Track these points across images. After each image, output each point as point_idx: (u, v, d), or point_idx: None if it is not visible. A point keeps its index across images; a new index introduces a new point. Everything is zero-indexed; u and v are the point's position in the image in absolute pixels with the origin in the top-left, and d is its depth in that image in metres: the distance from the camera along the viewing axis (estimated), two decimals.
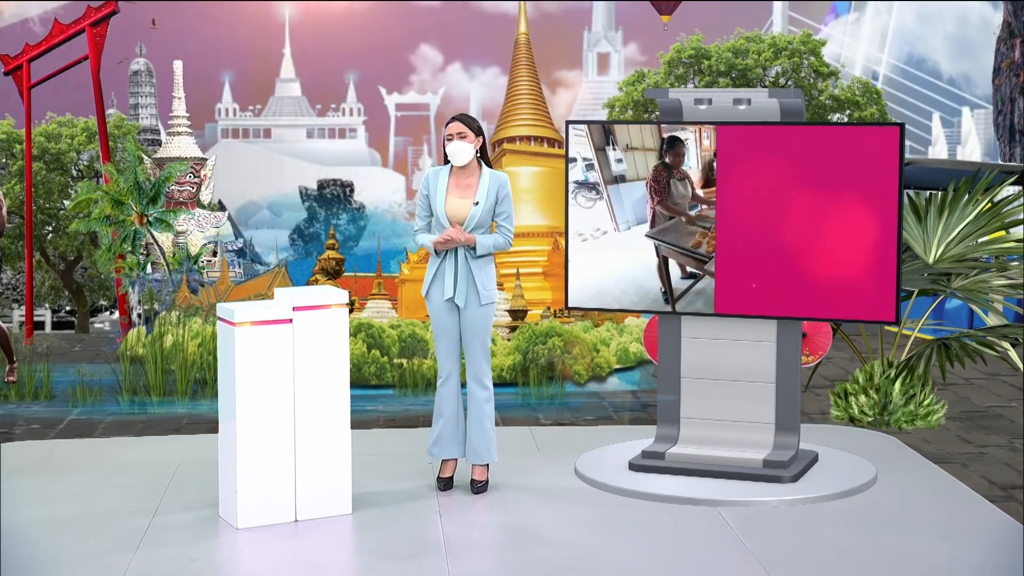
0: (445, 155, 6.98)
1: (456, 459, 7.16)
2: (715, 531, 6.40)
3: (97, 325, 20.11)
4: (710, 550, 6.14)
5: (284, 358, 6.45)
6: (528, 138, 16.04)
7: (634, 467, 7.34)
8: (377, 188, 20.01)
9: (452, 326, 6.99)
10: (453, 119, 6.93)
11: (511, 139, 16.17)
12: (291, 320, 6.45)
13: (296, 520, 6.53)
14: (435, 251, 6.91)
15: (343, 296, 6.61)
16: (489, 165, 7.03)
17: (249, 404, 6.38)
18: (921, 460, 7.86)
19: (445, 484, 7.10)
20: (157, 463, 7.73)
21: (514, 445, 8.07)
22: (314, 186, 18.58)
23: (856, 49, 23.11)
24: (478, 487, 7.04)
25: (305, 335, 6.49)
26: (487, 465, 7.12)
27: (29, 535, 6.37)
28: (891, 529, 6.43)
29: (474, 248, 6.86)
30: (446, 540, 6.26)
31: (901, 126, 7.14)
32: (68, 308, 21.80)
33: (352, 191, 18.33)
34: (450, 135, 6.89)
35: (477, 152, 6.93)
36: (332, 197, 18.08)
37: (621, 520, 6.58)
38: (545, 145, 16.12)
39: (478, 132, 6.93)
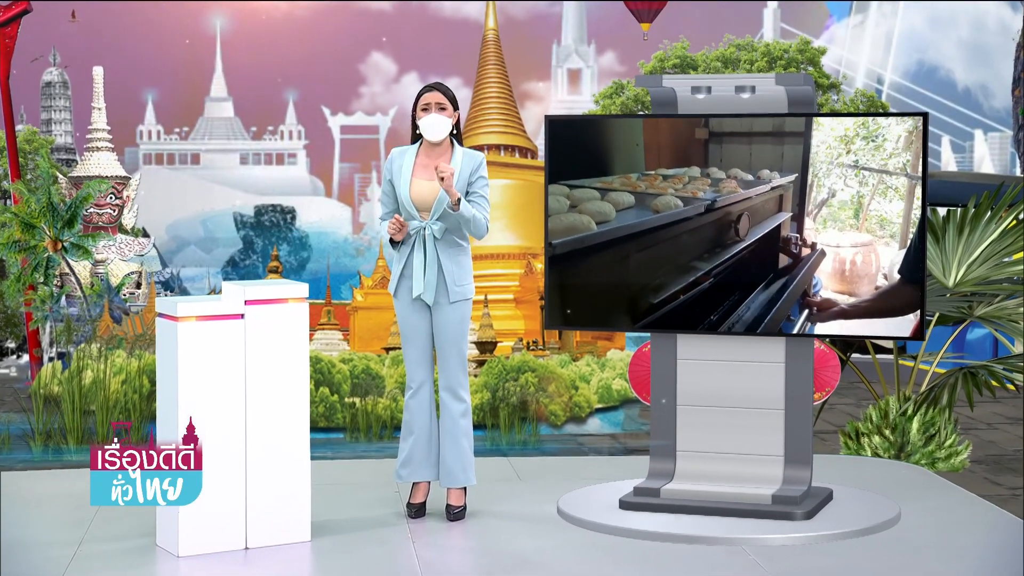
0: (414, 132, 6.89)
1: (428, 482, 7.03)
2: (719, 560, 6.34)
3: (2, 371, 19.85)
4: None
5: (235, 360, 6.34)
6: (498, 147, 16.03)
7: (625, 505, 7.24)
8: (320, 220, 19.94)
9: (423, 329, 6.87)
10: (430, 88, 6.81)
11: (478, 148, 16.17)
12: (243, 316, 6.35)
13: (247, 548, 6.40)
14: (391, 240, 6.77)
15: (303, 290, 6.51)
16: (461, 143, 6.94)
17: (193, 413, 6.21)
18: (951, 487, 7.85)
19: (416, 511, 6.96)
20: (78, 494, 7.52)
21: (494, 473, 7.97)
22: (250, 212, 18.53)
23: (859, 56, 23.27)
24: (454, 513, 6.91)
25: (259, 333, 6.37)
26: (464, 489, 6.99)
27: None
28: (926, 556, 6.40)
29: (454, 207, 6.56)
30: (421, 565, 6.16)
31: (925, 115, 7.14)
32: None
33: (294, 218, 18.32)
34: (427, 105, 6.77)
35: (453, 129, 6.84)
36: (271, 224, 18.07)
37: (615, 549, 6.51)
38: (516, 155, 16.11)
39: (456, 106, 6.86)
